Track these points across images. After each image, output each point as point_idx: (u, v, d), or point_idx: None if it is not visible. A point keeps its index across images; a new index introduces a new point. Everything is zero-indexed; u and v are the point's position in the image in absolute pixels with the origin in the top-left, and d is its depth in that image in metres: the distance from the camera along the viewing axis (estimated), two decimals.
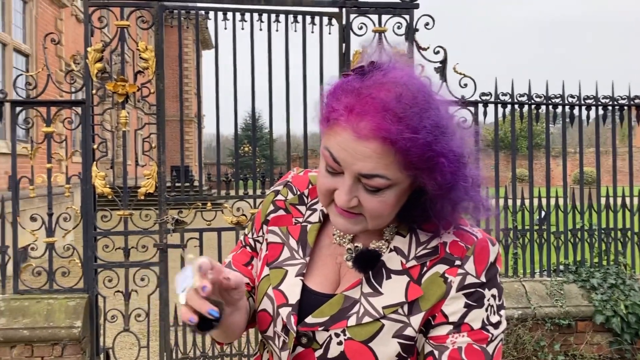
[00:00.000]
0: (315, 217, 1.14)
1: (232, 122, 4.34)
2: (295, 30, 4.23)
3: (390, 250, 1.04)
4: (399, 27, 4.26)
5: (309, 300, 1.07)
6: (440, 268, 1.01)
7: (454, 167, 0.93)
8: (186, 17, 4.19)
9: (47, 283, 3.99)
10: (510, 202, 4.52)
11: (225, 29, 4.17)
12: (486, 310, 0.99)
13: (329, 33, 4.26)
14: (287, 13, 4.22)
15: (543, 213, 4.63)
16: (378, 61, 0.98)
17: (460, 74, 4.31)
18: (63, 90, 4.22)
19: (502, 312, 1.03)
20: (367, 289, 1.03)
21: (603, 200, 4.72)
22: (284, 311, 1.06)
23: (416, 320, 0.99)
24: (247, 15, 4.17)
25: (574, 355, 4.18)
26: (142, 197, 4.10)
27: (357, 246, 1.09)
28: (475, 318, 0.98)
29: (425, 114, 0.91)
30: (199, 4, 4.15)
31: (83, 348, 3.87)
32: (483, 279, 1.00)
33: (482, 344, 0.98)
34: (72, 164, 4.10)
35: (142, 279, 4.06)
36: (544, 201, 4.61)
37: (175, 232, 4.15)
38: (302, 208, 1.17)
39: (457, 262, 1.00)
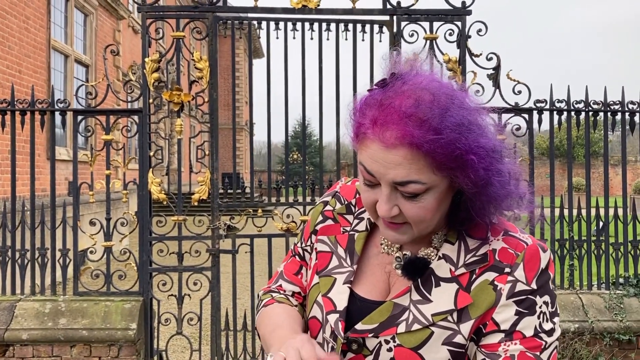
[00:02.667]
0: (362, 226, 1.17)
1: (282, 130, 4.40)
2: (346, 39, 4.25)
3: (439, 258, 1.05)
4: (450, 34, 4.23)
5: (358, 308, 1.09)
6: (490, 275, 1.00)
7: (485, 163, 0.94)
8: (239, 27, 4.27)
9: (104, 285, 4.14)
10: (566, 211, 4.38)
11: (277, 38, 4.24)
12: (538, 317, 0.98)
13: (380, 41, 4.27)
14: (337, 22, 4.25)
15: (601, 223, 4.47)
16: (399, 71, 0.99)
17: (514, 80, 4.22)
18: (120, 99, 4.37)
19: (556, 319, 1.01)
20: (416, 297, 1.03)
21: None
22: (332, 318, 1.09)
23: (466, 327, 0.99)
24: (299, 25, 4.23)
25: None
26: (196, 203, 4.20)
27: (405, 254, 1.09)
28: (528, 326, 0.97)
29: (446, 113, 0.91)
30: (251, 14, 4.23)
31: (138, 349, 3.98)
32: (534, 285, 0.98)
33: (536, 352, 0.96)
34: (128, 171, 4.23)
35: (195, 284, 4.14)
36: (602, 211, 4.45)
37: (227, 237, 4.22)
38: (350, 217, 1.19)
39: (507, 270, 0.99)
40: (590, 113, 4.43)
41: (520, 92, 4.23)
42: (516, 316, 0.98)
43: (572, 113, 4.43)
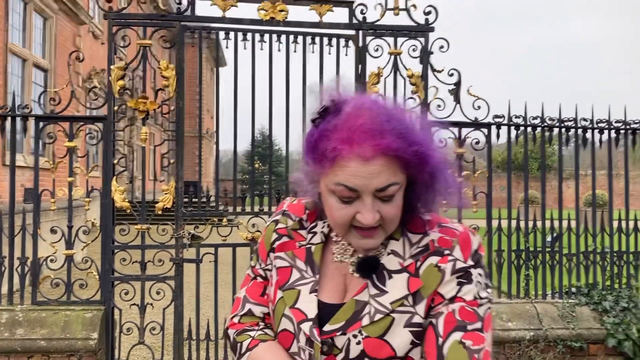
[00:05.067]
0: (317, 239, 1.26)
1: (244, 139, 4.43)
2: (313, 52, 4.32)
3: (388, 254, 1.17)
4: (414, 50, 4.35)
5: (324, 313, 1.17)
6: (434, 260, 1.14)
7: (437, 157, 1.10)
8: (207, 37, 4.29)
9: (64, 294, 4.07)
10: (522, 223, 4.54)
11: (245, 49, 4.28)
12: (475, 286, 1.13)
13: (346, 54, 4.35)
14: (305, 35, 4.32)
15: (555, 234, 4.65)
16: (335, 99, 1.12)
17: (474, 96, 4.37)
18: (82, 104, 4.33)
19: (489, 290, 1.16)
20: (373, 291, 1.15)
21: (615, 223, 4.74)
22: (306, 326, 1.16)
23: (421, 307, 1.12)
24: (266, 36, 4.28)
25: None
26: (160, 212, 4.18)
27: (359, 257, 1.20)
28: (467, 292, 1.12)
29: (401, 120, 1.08)
30: (219, 25, 4.26)
31: (99, 359, 3.92)
32: (470, 262, 1.14)
33: (474, 307, 1.11)
34: (90, 178, 4.19)
35: (158, 293, 4.11)
36: (556, 223, 4.63)
37: (192, 246, 4.22)
38: (304, 232, 1.28)
39: (447, 252, 1.14)
40: (546, 129, 4.62)
41: (479, 107, 4.39)
42: (458, 286, 1.12)
43: (529, 128, 4.61)
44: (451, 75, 4.39)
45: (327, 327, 1.14)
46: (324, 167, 1.11)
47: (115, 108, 4.08)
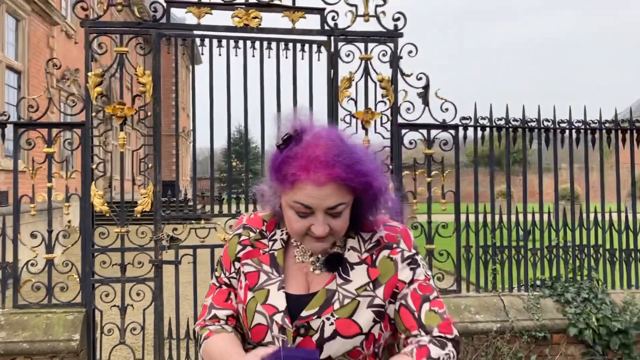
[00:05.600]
0: (278, 245, 1.49)
1: (220, 138, 4.55)
2: (287, 57, 4.46)
3: (348, 250, 1.45)
4: (384, 55, 4.52)
5: (293, 304, 1.40)
6: (386, 252, 1.45)
7: (379, 182, 1.37)
8: (182, 44, 4.40)
9: (45, 298, 4.15)
10: (489, 219, 4.75)
11: (220, 55, 4.39)
12: (422, 267, 1.46)
13: (318, 60, 4.50)
14: (278, 41, 4.46)
15: (528, 229, 4.90)
16: (296, 128, 1.36)
17: (442, 99, 4.55)
18: (57, 108, 4.40)
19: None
20: (340, 281, 1.41)
21: (578, 217, 4.98)
22: (278, 317, 1.38)
23: (380, 291, 1.40)
24: (241, 43, 4.40)
25: None
26: (139, 215, 4.28)
27: (318, 257, 1.46)
28: (419, 273, 1.44)
29: (352, 153, 1.33)
30: (194, 32, 4.37)
31: None
32: (413, 251, 1.47)
33: (427, 282, 1.44)
34: (69, 183, 4.27)
35: (138, 294, 4.22)
36: (522, 218, 4.84)
37: (170, 248, 4.33)
38: (265, 241, 1.51)
39: (394, 245, 1.46)
40: (510, 129, 4.83)
41: (447, 109, 4.58)
42: (411, 271, 1.44)
43: (494, 129, 4.82)
44: (420, 79, 4.57)
45: (304, 313, 1.37)
46: (285, 187, 1.36)
47: (94, 114, 4.18)
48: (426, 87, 4.57)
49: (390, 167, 4.46)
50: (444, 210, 4.62)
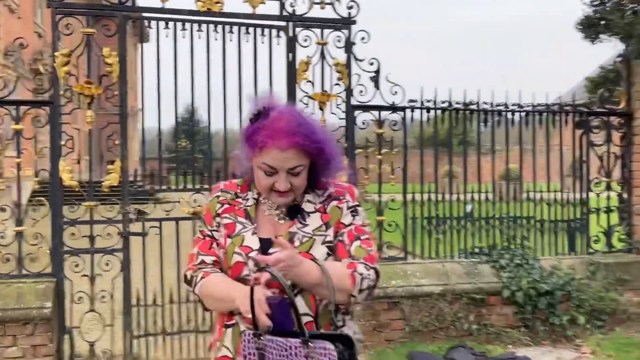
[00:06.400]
0: (250, 202, 1.85)
1: (168, 119, 4.79)
2: (247, 41, 4.74)
3: (305, 202, 1.82)
4: (339, 41, 4.85)
5: (264, 245, 1.74)
6: (334, 203, 1.83)
7: (330, 151, 1.74)
8: (147, 26, 4.59)
9: (16, 268, 4.33)
10: (433, 195, 5.20)
11: (184, 37, 4.62)
12: (360, 215, 1.84)
13: (278, 44, 4.79)
14: (239, 25, 4.72)
15: (469, 207, 5.38)
16: (265, 106, 1.72)
17: (392, 82, 4.94)
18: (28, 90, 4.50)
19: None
20: (299, 225, 1.79)
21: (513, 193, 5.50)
22: (253, 254, 1.75)
23: (330, 232, 1.79)
24: (204, 26, 4.64)
25: (485, 325, 4.91)
26: (107, 190, 4.50)
27: (282, 210, 1.80)
28: (358, 220, 1.83)
29: (309, 126, 1.71)
30: (159, 15, 4.57)
31: (53, 326, 4.24)
32: (356, 202, 1.86)
33: (363, 227, 1.83)
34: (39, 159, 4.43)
35: (107, 264, 4.46)
36: (466, 195, 5.33)
37: (138, 221, 4.57)
38: (240, 200, 1.86)
39: (342, 197, 1.84)
40: (453, 111, 5.27)
41: (396, 92, 4.97)
42: (352, 217, 1.82)
43: (439, 111, 5.25)
44: (372, 64, 4.94)
45: (272, 250, 1.69)
46: (255, 152, 1.71)
47: (62, 93, 4.34)
48: (377, 72, 4.94)
49: (345, 145, 4.83)
50: (393, 185, 5.03)
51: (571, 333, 4.98)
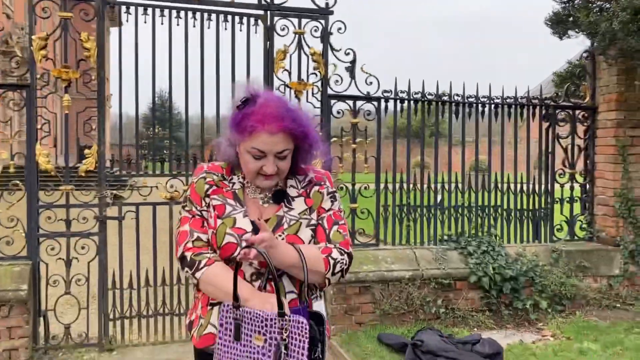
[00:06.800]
0: (237, 185, 1.93)
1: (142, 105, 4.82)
2: (226, 29, 4.79)
3: (289, 187, 1.93)
4: (315, 30, 4.95)
5: (256, 227, 1.81)
6: (316, 188, 1.96)
7: (313, 136, 1.86)
8: (126, 12, 4.61)
9: None
10: (405, 185, 5.35)
11: (162, 24, 4.65)
12: (338, 202, 1.99)
13: (255, 32, 4.86)
14: (218, 13, 4.78)
15: (439, 197, 5.55)
16: (252, 93, 1.81)
17: (367, 73, 5.06)
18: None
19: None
20: (286, 209, 1.90)
21: (481, 183, 5.68)
22: (247, 236, 1.80)
23: (314, 215, 1.93)
24: (182, 13, 4.68)
25: (452, 309, 5.09)
26: (83, 174, 4.53)
27: (266, 194, 1.90)
28: (336, 205, 1.97)
29: (295, 112, 1.83)
30: (138, 1, 4.59)
31: (29, 309, 4.27)
32: (334, 188, 2.00)
33: (340, 212, 1.98)
34: (16, 143, 4.44)
35: (83, 247, 4.51)
36: (437, 185, 5.49)
37: (114, 205, 4.62)
38: (226, 182, 1.92)
39: (322, 183, 1.97)
40: (426, 102, 5.42)
41: (371, 83, 5.09)
42: (331, 202, 1.96)
43: (412, 102, 5.39)
44: (347, 54, 5.05)
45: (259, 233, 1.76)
46: (244, 137, 1.80)
47: (39, 76, 4.35)
48: (353, 62, 5.05)
49: (320, 134, 4.93)
50: (366, 173, 5.17)
51: (534, 317, 5.20)
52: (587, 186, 5.99)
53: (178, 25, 4.69)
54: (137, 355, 4.49)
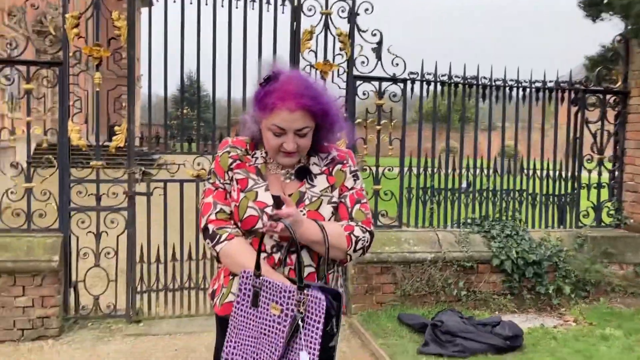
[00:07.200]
0: (260, 160, 1.96)
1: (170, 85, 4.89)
2: (253, 9, 4.83)
3: (312, 165, 1.97)
4: (342, 11, 4.95)
5: (275, 202, 1.87)
6: (339, 166, 1.99)
7: (334, 114, 1.89)
8: None
9: (25, 223, 4.51)
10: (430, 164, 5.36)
11: (191, 3, 4.72)
12: (360, 180, 2.02)
13: (282, 12, 4.89)
14: None
15: (464, 185, 5.55)
16: (275, 71, 1.85)
17: (393, 54, 5.04)
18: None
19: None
20: (308, 186, 1.93)
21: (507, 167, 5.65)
22: (268, 209, 1.86)
23: (335, 193, 1.96)
24: None
25: (474, 291, 5.11)
26: (113, 151, 4.66)
27: (288, 170, 1.94)
28: (358, 184, 2.01)
29: (316, 90, 1.84)
30: None
31: (60, 279, 4.44)
32: (357, 167, 2.03)
33: (362, 191, 2.01)
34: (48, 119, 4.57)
35: (112, 222, 4.64)
36: (462, 171, 5.48)
37: (143, 181, 4.74)
38: (249, 157, 1.96)
39: (344, 162, 2.00)
40: (453, 85, 5.39)
41: (397, 64, 5.08)
42: (354, 181, 1.99)
43: (439, 84, 5.37)
44: (374, 35, 5.04)
45: (284, 208, 1.79)
46: (265, 114, 1.83)
47: (71, 54, 4.46)
48: (380, 43, 5.04)
49: (345, 115, 4.96)
50: (390, 155, 5.18)
51: (556, 302, 5.18)
52: (616, 172, 5.90)
53: (207, 4, 4.75)
54: (163, 327, 4.63)
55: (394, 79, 5.13)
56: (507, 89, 5.53)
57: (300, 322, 1.67)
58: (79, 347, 4.21)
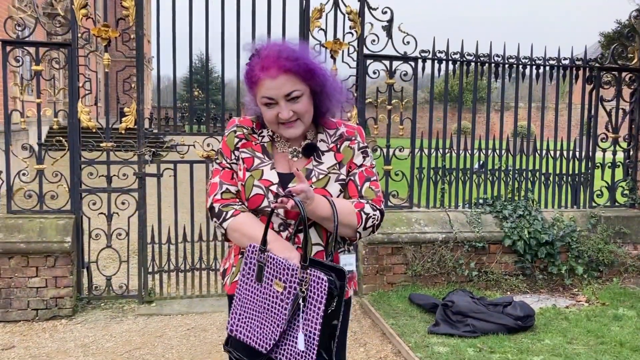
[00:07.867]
0: (266, 139, 1.94)
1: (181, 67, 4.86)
2: None
3: (319, 142, 1.93)
4: None
5: (281, 179, 1.85)
6: (347, 143, 1.94)
7: (322, 73, 1.82)
8: None
9: (37, 204, 4.53)
10: (441, 144, 5.30)
11: None
12: (370, 157, 1.97)
13: None
14: None
15: (476, 166, 5.49)
16: (257, 47, 1.82)
17: (404, 32, 4.97)
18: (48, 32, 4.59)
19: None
20: (315, 163, 1.90)
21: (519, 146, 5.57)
22: (273, 187, 1.85)
23: (343, 170, 1.92)
24: None
25: (485, 272, 5.08)
26: (123, 132, 4.65)
27: (295, 148, 1.90)
28: (367, 161, 1.96)
29: (295, 52, 1.77)
30: None
31: (72, 260, 4.47)
32: (365, 144, 1.98)
33: (372, 168, 1.96)
34: (57, 101, 4.56)
35: (123, 203, 4.66)
36: (474, 151, 5.42)
37: (153, 162, 4.74)
38: (255, 136, 1.94)
39: (353, 138, 1.95)
40: (465, 63, 5.31)
41: (408, 42, 5.01)
42: (363, 158, 1.95)
43: (450, 62, 5.29)
44: (385, 12, 4.96)
45: (291, 185, 1.80)
46: (254, 89, 1.82)
47: (80, 35, 4.44)
48: (390, 21, 4.96)
49: (355, 94, 4.91)
50: (401, 135, 5.13)
51: (569, 282, 5.15)
52: (631, 151, 5.80)
53: None
54: (175, 307, 4.67)
55: (405, 58, 5.07)
56: (520, 67, 5.43)
57: (301, 301, 1.67)
58: (92, 327, 4.25)
